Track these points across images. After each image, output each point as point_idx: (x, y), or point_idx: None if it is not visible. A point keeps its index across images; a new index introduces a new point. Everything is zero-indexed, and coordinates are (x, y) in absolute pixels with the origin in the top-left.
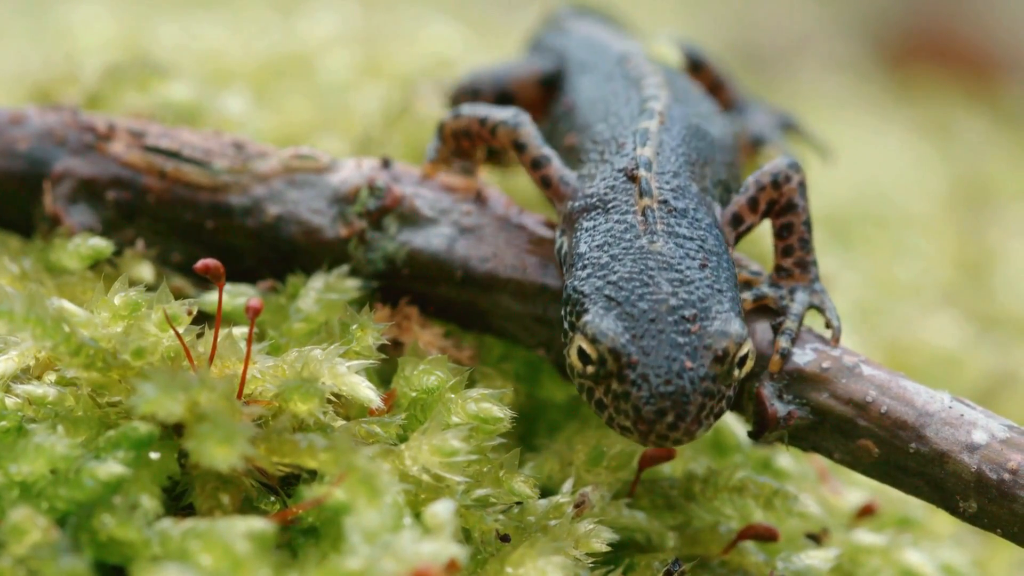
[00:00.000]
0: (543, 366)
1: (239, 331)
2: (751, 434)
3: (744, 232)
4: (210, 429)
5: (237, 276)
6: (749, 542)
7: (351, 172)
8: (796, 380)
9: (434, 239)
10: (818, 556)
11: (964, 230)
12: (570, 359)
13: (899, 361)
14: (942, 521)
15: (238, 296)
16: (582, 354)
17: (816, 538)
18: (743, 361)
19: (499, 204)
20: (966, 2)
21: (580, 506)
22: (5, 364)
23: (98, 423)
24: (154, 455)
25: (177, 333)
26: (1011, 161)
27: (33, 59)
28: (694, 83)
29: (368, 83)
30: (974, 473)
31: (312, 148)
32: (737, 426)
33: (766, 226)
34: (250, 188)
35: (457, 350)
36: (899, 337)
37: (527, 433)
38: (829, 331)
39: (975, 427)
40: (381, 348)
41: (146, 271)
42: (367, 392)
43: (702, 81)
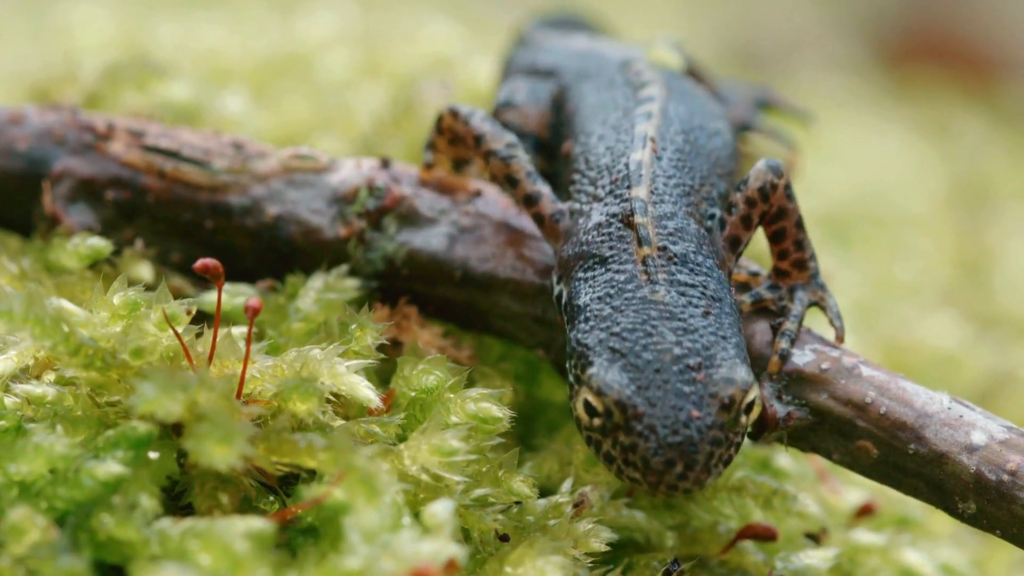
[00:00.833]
0: (542, 366)
1: (238, 331)
2: (750, 435)
3: (743, 248)
4: (209, 429)
5: (236, 276)
6: (748, 542)
7: (350, 172)
8: (795, 381)
9: (433, 239)
10: (817, 556)
11: (963, 230)
12: (576, 412)
13: (898, 361)
14: (941, 521)
15: (237, 296)
16: (588, 407)
17: (815, 538)
18: (750, 407)
19: (498, 204)
20: (965, 2)
21: (579, 506)
22: (4, 364)
23: (97, 423)
24: (153, 455)
25: (176, 333)
26: (1010, 161)
27: (32, 58)
28: (695, 85)
29: (367, 83)
30: (973, 474)
31: (311, 148)
32: None
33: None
34: (249, 188)
35: (456, 350)
36: (898, 337)
37: (526, 433)
38: (831, 330)
39: (974, 428)
40: (380, 348)
41: (145, 271)
42: (366, 392)
43: None
